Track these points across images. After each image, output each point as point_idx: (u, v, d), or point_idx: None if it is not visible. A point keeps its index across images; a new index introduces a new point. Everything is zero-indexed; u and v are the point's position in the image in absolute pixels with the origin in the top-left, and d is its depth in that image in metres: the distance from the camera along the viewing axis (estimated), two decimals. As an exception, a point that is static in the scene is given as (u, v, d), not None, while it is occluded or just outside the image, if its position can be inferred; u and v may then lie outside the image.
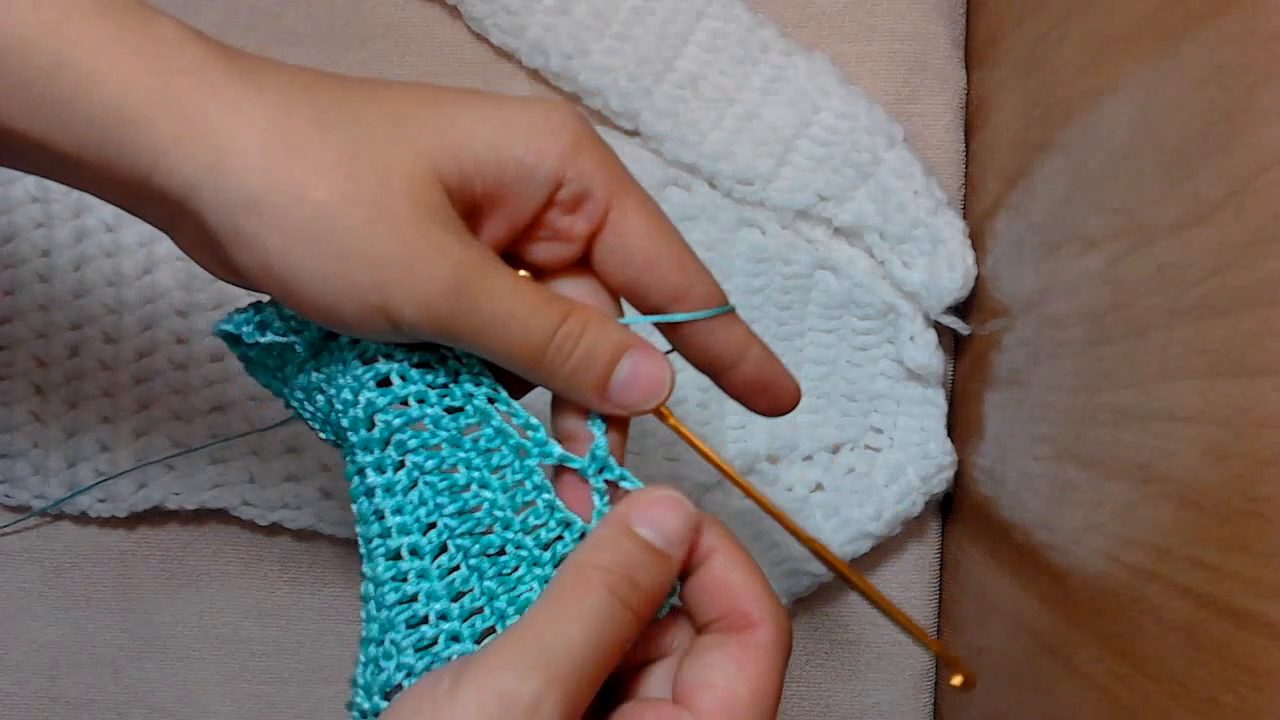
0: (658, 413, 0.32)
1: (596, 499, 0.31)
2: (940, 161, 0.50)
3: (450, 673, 0.27)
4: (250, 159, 0.28)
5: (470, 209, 0.30)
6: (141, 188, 0.28)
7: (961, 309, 0.48)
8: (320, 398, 0.32)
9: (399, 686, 0.29)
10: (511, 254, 0.32)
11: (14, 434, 0.50)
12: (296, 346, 0.31)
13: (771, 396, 0.35)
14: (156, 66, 0.28)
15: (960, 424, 0.49)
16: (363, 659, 0.30)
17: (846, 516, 0.48)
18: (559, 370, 0.30)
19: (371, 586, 0.31)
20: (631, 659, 0.32)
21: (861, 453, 0.49)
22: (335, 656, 0.52)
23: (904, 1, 0.50)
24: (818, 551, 0.34)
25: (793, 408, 0.35)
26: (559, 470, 0.32)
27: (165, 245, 0.49)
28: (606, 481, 0.31)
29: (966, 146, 0.50)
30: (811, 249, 0.48)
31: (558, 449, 0.31)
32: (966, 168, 0.50)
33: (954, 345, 0.50)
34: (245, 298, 0.50)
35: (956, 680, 0.33)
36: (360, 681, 0.30)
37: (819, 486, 0.49)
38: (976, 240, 0.47)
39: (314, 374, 0.32)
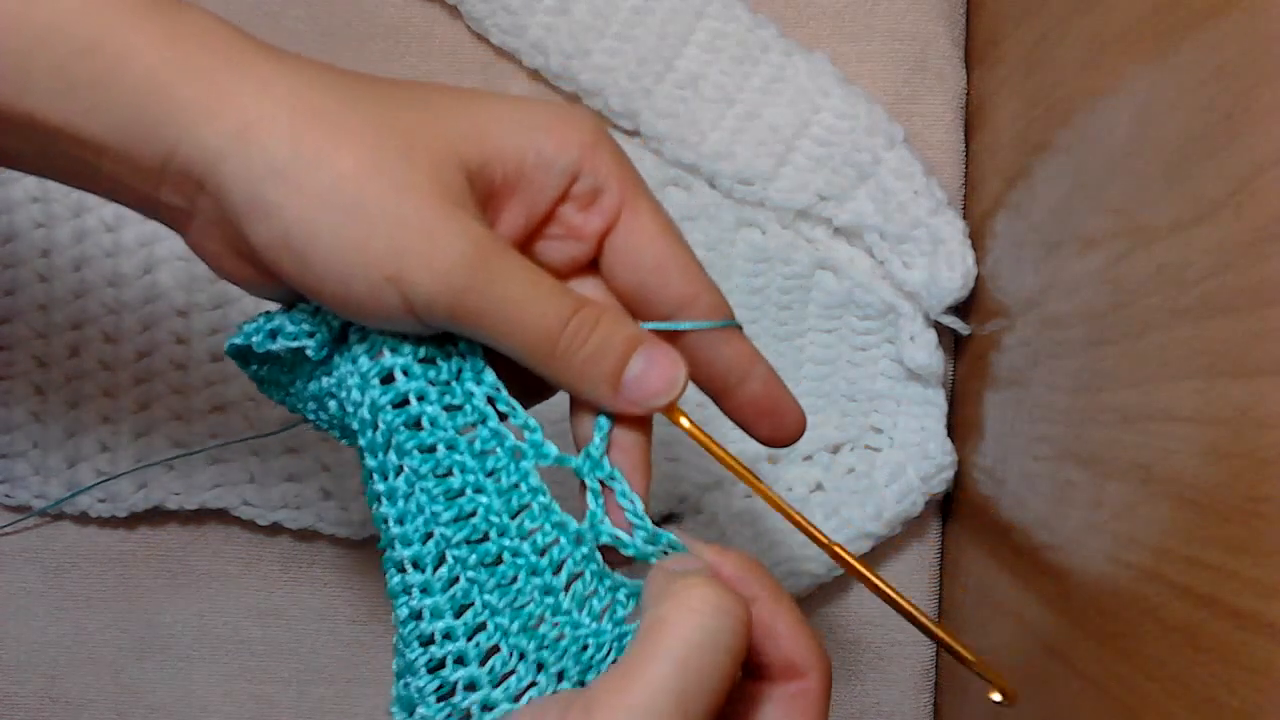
0: (669, 413, 0.32)
1: (590, 499, 0.31)
2: (940, 161, 0.50)
3: None
4: (278, 128, 0.28)
5: (489, 196, 0.30)
6: (163, 168, 0.29)
7: (961, 309, 0.48)
8: (333, 403, 0.32)
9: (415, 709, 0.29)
10: (524, 254, 0.32)
11: (14, 434, 0.50)
12: (308, 350, 0.31)
13: (775, 421, 0.34)
14: (187, 47, 0.28)
15: (960, 424, 0.49)
16: (395, 668, 0.30)
17: (847, 516, 0.48)
18: (573, 359, 0.30)
19: (392, 597, 0.30)
20: None
21: (861, 453, 0.49)
22: (335, 657, 0.52)
23: (904, 1, 0.50)
24: (836, 553, 0.33)
25: (797, 437, 0.35)
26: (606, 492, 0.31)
27: (165, 245, 0.49)
28: (600, 481, 0.31)
29: (966, 146, 0.50)
30: (811, 249, 0.48)
31: (554, 449, 0.31)
32: (966, 168, 0.50)
33: (954, 345, 0.50)
34: (246, 299, 0.50)
35: (996, 695, 0.32)
36: (394, 693, 0.30)
37: (819, 486, 0.49)
38: (976, 240, 0.47)
39: (324, 379, 0.32)
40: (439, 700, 0.29)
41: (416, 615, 0.30)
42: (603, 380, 0.30)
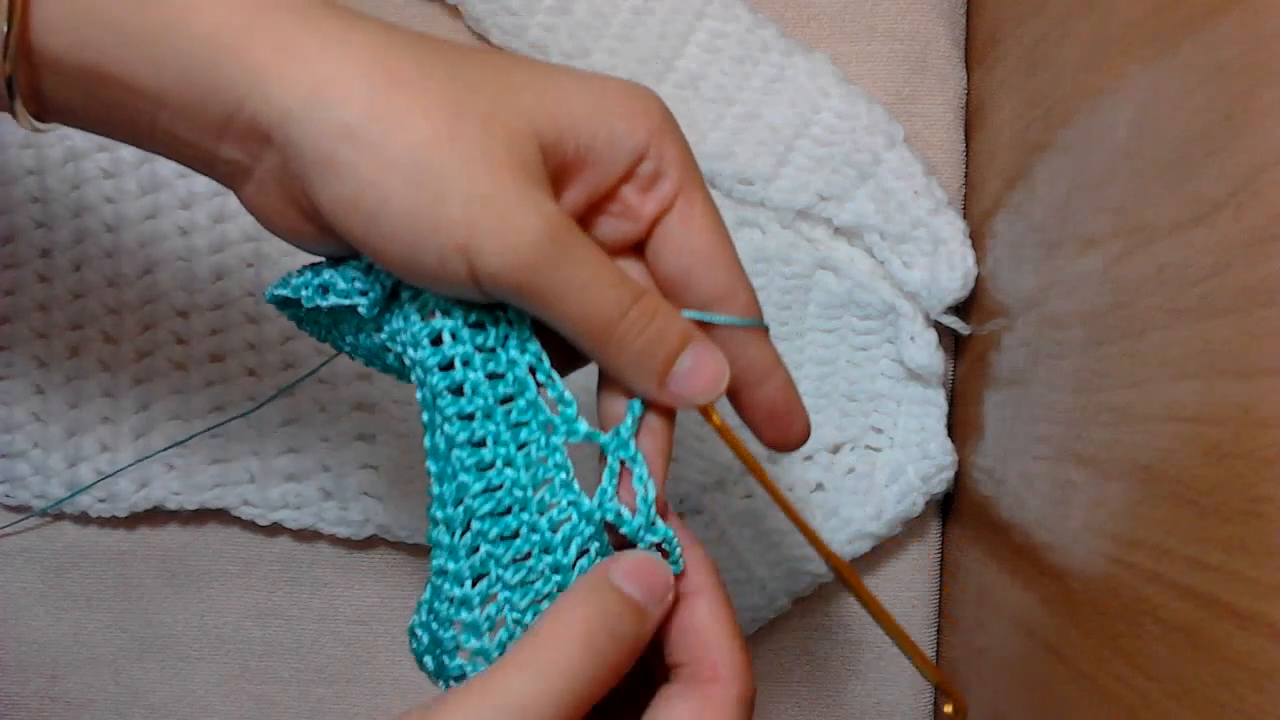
0: (703, 410, 0.32)
1: (605, 476, 0.31)
2: (940, 161, 0.50)
3: None
4: (352, 89, 0.28)
5: (559, 170, 0.30)
6: (226, 124, 0.28)
7: (961, 309, 0.48)
8: (389, 356, 0.33)
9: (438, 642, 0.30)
10: (579, 226, 0.32)
11: (14, 434, 0.50)
12: (360, 308, 0.31)
13: (784, 427, 0.35)
14: (255, 2, 0.28)
15: (960, 424, 0.49)
16: (421, 601, 0.31)
17: (847, 516, 0.48)
18: (627, 348, 0.30)
19: (429, 544, 0.31)
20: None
21: (862, 452, 0.49)
22: (335, 656, 0.52)
23: (904, 1, 0.50)
24: (835, 566, 0.34)
25: (800, 445, 0.35)
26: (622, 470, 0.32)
27: (165, 245, 0.49)
28: (622, 462, 0.31)
29: (966, 146, 0.50)
30: (811, 249, 0.48)
31: (584, 426, 0.31)
32: (966, 168, 0.50)
33: (954, 345, 0.50)
34: (246, 300, 0.50)
35: (948, 708, 0.35)
36: (416, 621, 0.31)
37: (819, 486, 0.49)
38: (976, 240, 0.47)
39: (376, 335, 0.32)
40: (448, 652, 0.30)
41: (443, 572, 0.31)
42: (652, 373, 0.31)
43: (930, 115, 0.50)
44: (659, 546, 0.31)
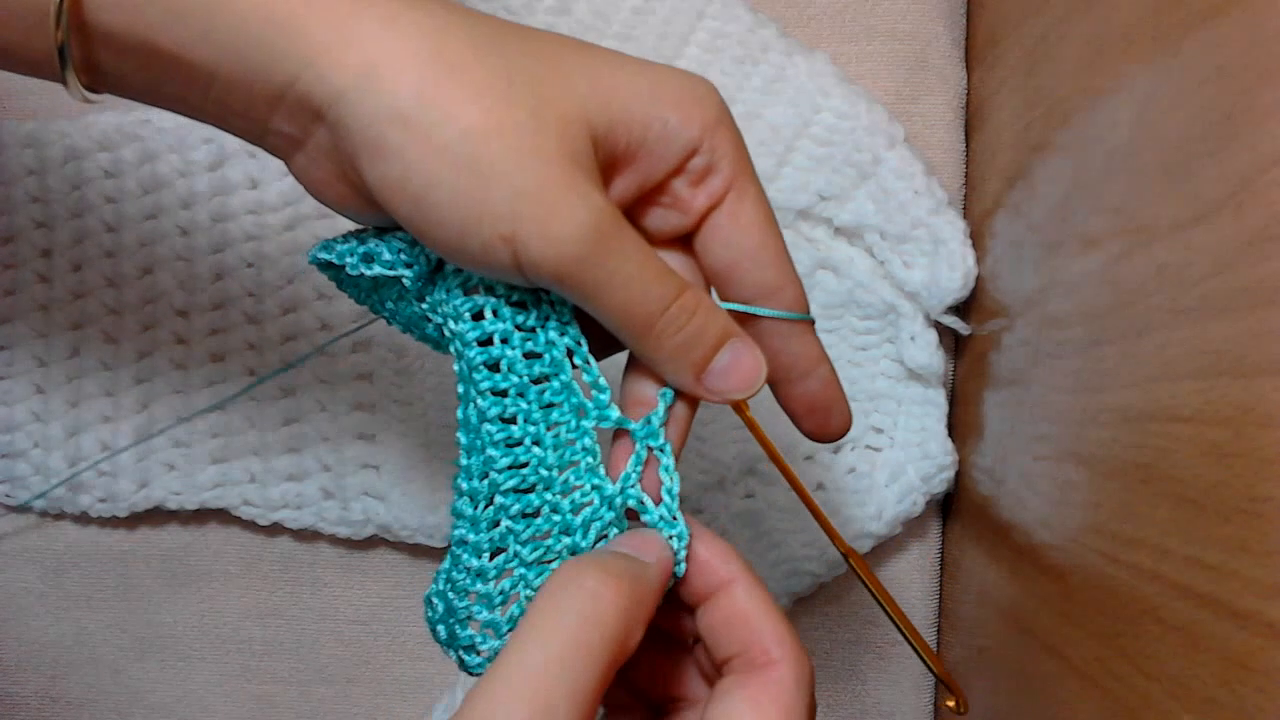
0: (735, 405, 0.33)
1: (632, 460, 0.32)
2: (940, 161, 0.50)
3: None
4: (405, 73, 0.27)
5: (610, 161, 0.30)
6: (278, 99, 0.28)
7: (962, 309, 0.48)
8: (429, 326, 0.33)
9: (451, 611, 0.31)
10: (628, 216, 0.32)
11: (15, 434, 0.50)
12: (405, 280, 0.32)
13: (823, 419, 0.35)
14: None
15: (960, 424, 0.49)
16: (439, 571, 0.32)
17: (848, 516, 0.48)
18: (665, 342, 0.30)
19: (452, 515, 0.32)
20: (658, 696, 0.32)
21: (862, 452, 0.49)
22: (335, 656, 0.52)
23: (904, 1, 0.50)
24: (854, 564, 0.35)
25: (839, 437, 0.35)
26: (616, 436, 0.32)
27: (165, 245, 0.49)
28: (648, 447, 0.32)
29: (966, 146, 0.50)
30: (812, 249, 0.48)
31: (615, 413, 0.32)
32: (966, 168, 0.50)
33: (954, 345, 0.50)
34: (246, 300, 0.50)
35: (950, 702, 0.36)
36: (433, 589, 0.31)
37: (820, 486, 0.49)
38: (976, 240, 0.47)
39: (417, 304, 0.33)
40: (460, 622, 0.31)
41: (463, 542, 0.31)
42: (689, 367, 0.31)
43: (930, 115, 0.50)
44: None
